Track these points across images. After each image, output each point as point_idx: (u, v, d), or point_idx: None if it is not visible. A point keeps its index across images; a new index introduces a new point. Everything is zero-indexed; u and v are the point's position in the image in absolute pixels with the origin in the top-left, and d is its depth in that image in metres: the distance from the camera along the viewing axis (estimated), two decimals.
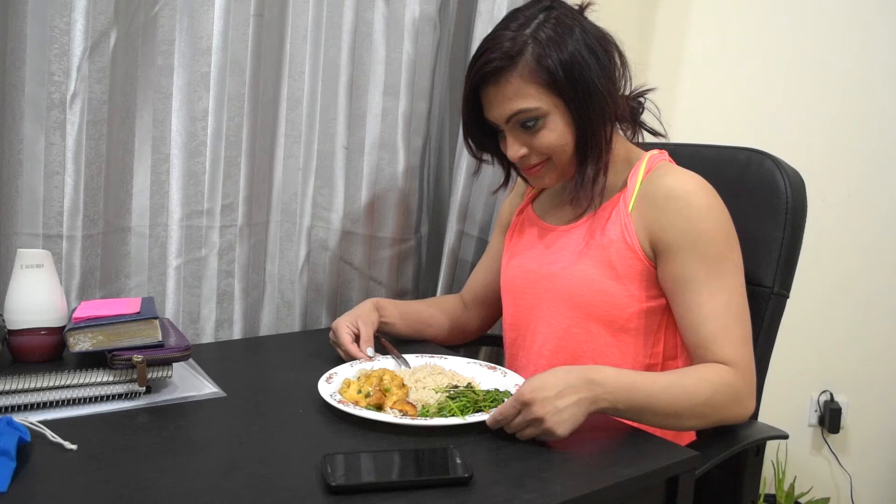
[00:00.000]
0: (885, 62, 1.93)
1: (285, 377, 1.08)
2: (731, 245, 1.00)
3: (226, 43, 1.24)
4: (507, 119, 1.03)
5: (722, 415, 0.94)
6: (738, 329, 0.97)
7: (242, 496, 0.68)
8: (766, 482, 2.07)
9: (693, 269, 0.98)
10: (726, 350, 0.95)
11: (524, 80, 1.00)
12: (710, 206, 1.00)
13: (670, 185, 1.01)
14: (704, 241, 0.98)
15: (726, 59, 2.05)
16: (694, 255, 0.98)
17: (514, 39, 1.00)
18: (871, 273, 1.99)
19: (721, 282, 0.97)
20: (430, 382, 0.97)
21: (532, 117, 1.01)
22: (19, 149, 1.10)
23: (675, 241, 0.99)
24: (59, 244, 1.13)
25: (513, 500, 0.68)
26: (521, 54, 0.99)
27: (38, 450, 0.75)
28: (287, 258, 1.41)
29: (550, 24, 1.00)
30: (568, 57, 0.98)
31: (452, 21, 1.50)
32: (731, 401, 0.94)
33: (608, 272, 1.03)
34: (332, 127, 1.38)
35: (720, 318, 0.96)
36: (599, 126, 1.01)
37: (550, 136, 1.02)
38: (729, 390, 0.94)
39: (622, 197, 1.05)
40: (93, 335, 0.94)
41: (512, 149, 1.05)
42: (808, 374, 2.05)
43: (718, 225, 0.99)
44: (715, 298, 0.97)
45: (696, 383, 0.93)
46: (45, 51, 1.09)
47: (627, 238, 1.02)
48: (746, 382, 0.95)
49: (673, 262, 1.00)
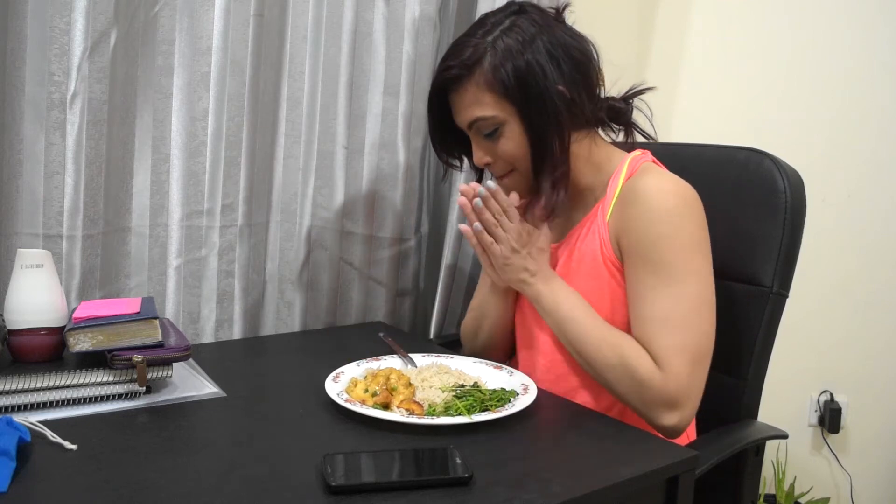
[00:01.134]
0: (885, 62, 1.93)
1: (285, 377, 1.08)
2: (689, 252, 0.97)
3: (226, 43, 1.24)
4: (469, 125, 1.04)
5: (619, 389, 0.97)
6: (673, 336, 0.94)
7: (242, 496, 0.68)
8: (766, 482, 2.07)
9: (640, 274, 0.98)
10: (652, 347, 0.94)
11: (480, 88, 1.00)
12: (671, 211, 0.97)
13: (640, 187, 0.99)
14: (656, 246, 0.96)
15: (726, 59, 2.05)
16: (644, 259, 0.97)
17: (475, 47, 1.00)
18: (871, 273, 1.99)
19: (665, 288, 0.95)
20: (437, 381, 0.97)
21: (490, 125, 1.01)
22: (19, 149, 1.10)
23: (631, 243, 0.99)
24: (59, 244, 1.13)
25: (513, 500, 0.68)
26: (479, 63, 1.00)
27: (38, 450, 0.75)
28: (287, 258, 1.41)
29: (514, 31, 0.99)
30: (523, 65, 0.98)
31: (452, 21, 1.50)
32: (631, 383, 0.95)
33: (594, 284, 1.03)
34: (332, 127, 1.38)
35: (655, 323, 0.95)
36: (553, 136, 1.00)
37: (509, 145, 1.02)
38: (634, 375, 0.94)
39: (600, 207, 1.05)
40: (93, 335, 0.94)
41: (476, 155, 1.06)
42: (808, 374, 2.05)
43: (675, 230, 0.96)
44: (656, 304, 0.95)
45: (613, 344, 0.97)
46: (45, 51, 1.09)
47: (604, 250, 1.02)
48: (663, 385, 0.93)
49: (628, 264, 1.00)
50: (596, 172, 1.07)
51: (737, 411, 1.09)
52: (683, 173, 1.09)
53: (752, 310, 1.09)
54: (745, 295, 1.09)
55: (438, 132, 1.12)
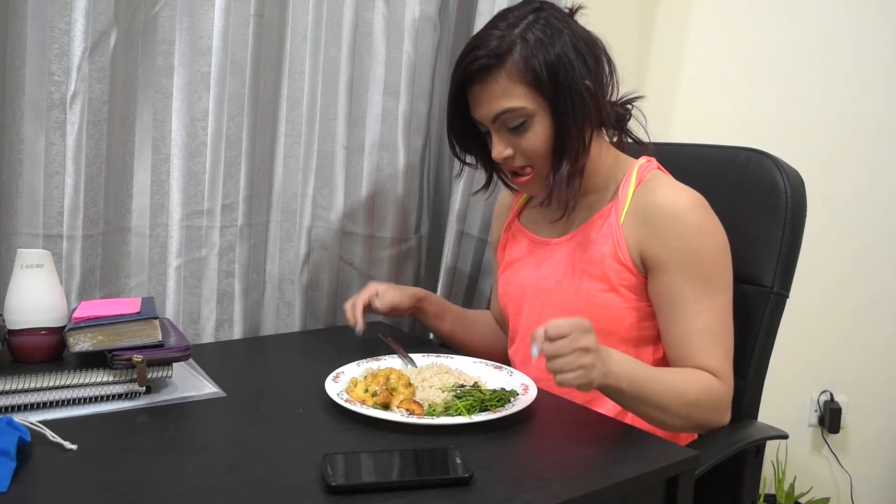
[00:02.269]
0: (885, 62, 1.93)
1: (285, 377, 1.08)
2: (721, 263, 1.00)
3: (226, 43, 1.24)
4: (494, 118, 1.02)
5: (703, 419, 0.97)
6: (721, 345, 0.99)
7: (242, 496, 0.68)
8: (766, 482, 2.07)
9: (680, 287, 0.99)
10: (709, 363, 0.97)
11: (511, 79, 0.99)
12: (701, 224, 0.99)
13: (662, 201, 1.00)
14: (694, 261, 0.98)
15: (726, 59, 2.05)
16: (682, 274, 0.98)
17: (502, 38, 0.99)
18: (871, 273, 1.99)
19: (707, 300, 0.98)
20: (437, 381, 0.97)
21: (518, 117, 1.00)
22: (19, 149, 1.10)
23: (664, 258, 0.99)
24: (59, 244, 1.13)
25: (513, 500, 0.68)
26: (510, 53, 0.98)
27: (38, 450, 0.75)
28: (287, 258, 1.41)
29: (539, 24, 0.99)
30: (554, 58, 0.97)
31: (452, 21, 1.50)
32: (713, 407, 0.98)
33: (603, 285, 1.03)
34: (332, 127, 1.38)
35: (703, 335, 0.98)
36: (580, 129, 1.00)
37: (535, 139, 1.01)
38: (712, 397, 0.97)
39: (613, 208, 1.05)
40: (93, 335, 0.94)
41: (497, 149, 1.04)
42: (808, 374, 2.05)
43: (709, 243, 0.99)
44: (700, 316, 0.98)
45: (685, 383, 0.96)
46: (45, 51, 1.09)
47: (620, 253, 1.02)
48: (728, 393, 0.99)
49: (662, 278, 1.00)
50: (604, 175, 1.08)
51: (737, 411, 1.09)
52: (683, 173, 1.09)
53: (753, 310, 1.09)
54: (745, 295, 1.09)
55: (457, 127, 1.10)
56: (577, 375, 0.82)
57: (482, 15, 1.44)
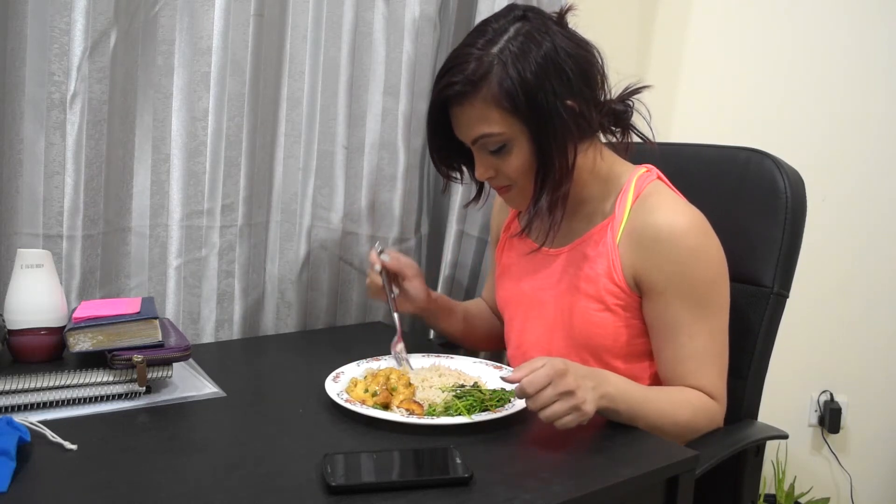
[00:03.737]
0: (885, 62, 1.93)
1: (285, 377, 1.08)
2: (718, 286, 1.00)
3: (226, 43, 1.24)
4: (473, 141, 1.00)
5: (695, 438, 0.97)
6: (715, 366, 0.99)
7: (242, 496, 0.68)
8: (766, 482, 2.07)
9: (675, 311, 0.98)
10: (703, 383, 0.98)
11: (487, 104, 0.95)
12: (698, 249, 0.97)
13: (660, 223, 0.97)
14: (689, 285, 0.97)
15: (726, 59, 2.05)
16: (678, 298, 0.97)
17: (480, 60, 0.95)
18: (871, 273, 1.99)
19: (702, 323, 0.98)
20: (437, 381, 0.97)
21: (496, 142, 0.98)
22: (19, 149, 1.10)
23: (660, 282, 0.98)
24: (59, 244, 1.13)
25: (513, 500, 0.68)
26: (485, 79, 0.94)
27: (38, 450, 0.75)
28: (287, 258, 1.41)
29: (520, 40, 0.95)
30: (532, 80, 0.93)
31: (452, 21, 1.50)
32: (706, 426, 0.98)
33: (598, 305, 1.02)
34: (332, 127, 1.38)
35: (696, 358, 0.98)
36: (561, 150, 0.97)
37: (515, 161, 0.99)
38: (707, 415, 0.98)
39: (610, 226, 1.03)
40: (93, 335, 0.94)
41: (479, 170, 1.03)
42: (808, 374, 2.05)
43: (705, 267, 0.98)
44: (694, 340, 0.98)
45: (680, 402, 0.96)
46: (45, 51, 1.09)
47: (614, 274, 1.01)
48: (721, 412, 1.00)
49: (657, 301, 0.99)
50: (601, 185, 1.05)
51: (737, 411, 1.09)
52: (683, 173, 1.09)
53: (753, 310, 1.09)
54: (745, 295, 1.09)
55: (438, 145, 1.08)
56: (573, 418, 0.81)
57: (482, 15, 1.44)
